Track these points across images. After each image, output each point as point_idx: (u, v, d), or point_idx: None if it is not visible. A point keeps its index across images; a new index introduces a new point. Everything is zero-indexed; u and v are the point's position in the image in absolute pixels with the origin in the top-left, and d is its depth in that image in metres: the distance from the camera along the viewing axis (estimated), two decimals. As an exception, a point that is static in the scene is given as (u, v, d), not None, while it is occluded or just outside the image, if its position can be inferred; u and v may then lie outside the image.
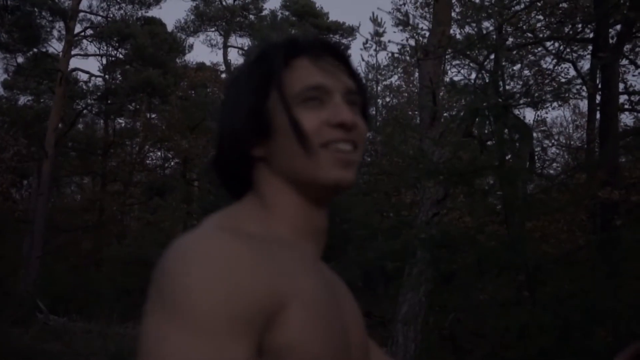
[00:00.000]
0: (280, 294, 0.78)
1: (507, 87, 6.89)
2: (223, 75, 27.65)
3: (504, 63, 6.58)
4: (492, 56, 7.03)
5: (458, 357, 8.74)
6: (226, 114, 0.99)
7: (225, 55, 27.67)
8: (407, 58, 19.18)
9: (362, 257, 12.60)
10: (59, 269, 18.24)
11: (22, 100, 23.48)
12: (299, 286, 0.82)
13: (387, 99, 23.84)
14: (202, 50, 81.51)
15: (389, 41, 24.87)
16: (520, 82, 9.83)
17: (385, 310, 12.48)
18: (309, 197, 0.94)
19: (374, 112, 22.97)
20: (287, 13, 26.69)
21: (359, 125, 0.94)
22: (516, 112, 7.86)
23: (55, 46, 22.19)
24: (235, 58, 43.57)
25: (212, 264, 0.76)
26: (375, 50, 23.66)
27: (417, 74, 14.49)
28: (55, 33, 20.90)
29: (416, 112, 18.00)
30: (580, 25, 9.77)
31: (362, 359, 0.95)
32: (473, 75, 9.18)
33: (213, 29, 27.97)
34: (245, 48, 26.76)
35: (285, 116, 0.91)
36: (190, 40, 28.56)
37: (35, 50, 20.67)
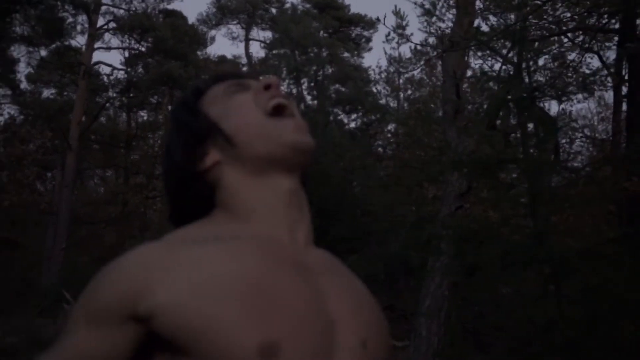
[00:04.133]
0: (149, 282, 0.81)
1: (532, 79, 6.82)
2: (244, 68, 27.69)
3: (529, 55, 6.51)
4: (517, 48, 6.95)
5: (481, 350, 8.71)
6: (167, 154, 1.07)
7: (246, 48, 27.77)
8: (429, 50, 19.06)
9: (384, 250, 12.59)
10: (83, 261, 18.42)
11: (46, 93, 23.68)
12: (209, 271, 0.82)
13: (409, 92, 23.73)
14: (224, 43, 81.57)
15: (412, 34, 24.69)
16: (545, 74, 9.72)
17: (407, 304, 12.47)
18: (275, 168, 0.97)
19: (395, 105, 22.88)
20: (308, 6, 26.65)
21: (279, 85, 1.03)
22: (541, 104, 7.77)
23: (79, 39, 22.33)
24: (257, 51, 43.70)
25: (110, 265, 0.86)
26: (397, 42, 23.52)
27: (439, 67, 14.39)
28: (78, 26, 21.08)
29: (439, 105, 17.89)
30: (606, 16, 9.63)
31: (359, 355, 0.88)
32: (496, 67, 9.09)
33: (235, 22, 28.06)
34: (267, 41, 26.80)
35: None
36: (212, 33, 28.60)
37: (58, 43, 20.83)
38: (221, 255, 0.85)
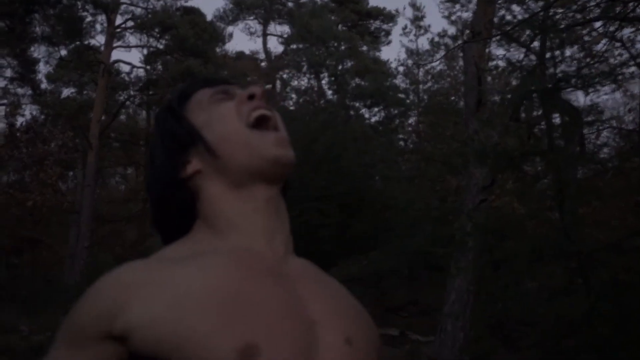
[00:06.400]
0: (124, 300, 0.81)
1: (556, 70, 6.68)
2: (263, 64, 27.65)
3: (554, 44, 6.36)
4: (540, 38, 6.80)
5: (507, 346, 8.59)
6: (153, 165, 1.04)
7: (264, 43, 27.76)
8: (449, 41, 18.88)
9: (406, 245, 12.46)
10: (106, 259, 18.55)
11: (66, 92, 23.80)
12: (185, 287, 0.82)
13: (428, 84, 23.55)
14: (241, 39, 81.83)
15: (429, 25, 24.51)
16: (571, 64, 9.54)
17: (430, 298, 12.37)
18: (255, 181, 0.96)
19: (415, 98, 22.70)
20: (326, -1, 26.54)
21: (266, 94, 1.01)
22: (567, 95, 7.61)
23: (98, 38, 22.39)
24: (275, 46, 43.65)
25: (91, 287, 0.86)
26: (414, 35, 23.36)
27: (460, 59, 14.22)
28: (97, 26, 21.18)
29: (460, 97, 17.69)
30: (632, 4, 9.40)
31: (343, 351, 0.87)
32: (520, 58, 8.92)
33: (252, 18, 28.04)
34: (285, 36, 26.73)
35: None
36: (230, 29, 28.57)
37: (78, 42, 20.93)
38: (196, 271, 0.85)
